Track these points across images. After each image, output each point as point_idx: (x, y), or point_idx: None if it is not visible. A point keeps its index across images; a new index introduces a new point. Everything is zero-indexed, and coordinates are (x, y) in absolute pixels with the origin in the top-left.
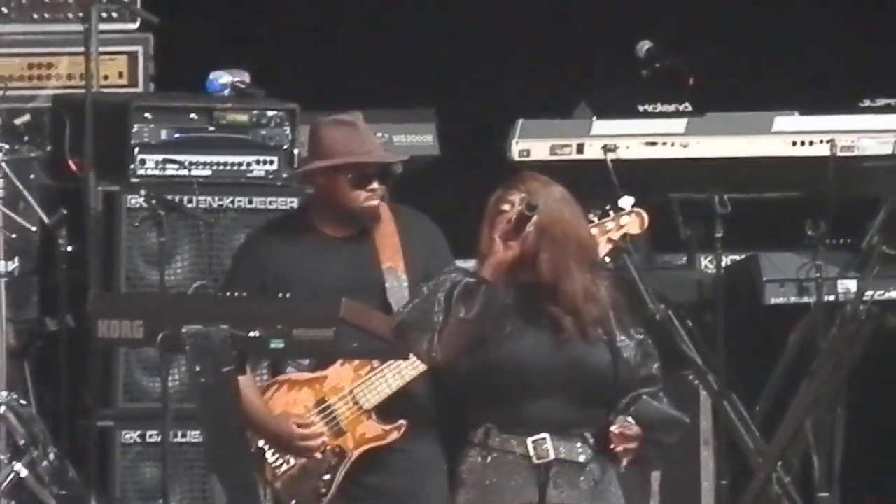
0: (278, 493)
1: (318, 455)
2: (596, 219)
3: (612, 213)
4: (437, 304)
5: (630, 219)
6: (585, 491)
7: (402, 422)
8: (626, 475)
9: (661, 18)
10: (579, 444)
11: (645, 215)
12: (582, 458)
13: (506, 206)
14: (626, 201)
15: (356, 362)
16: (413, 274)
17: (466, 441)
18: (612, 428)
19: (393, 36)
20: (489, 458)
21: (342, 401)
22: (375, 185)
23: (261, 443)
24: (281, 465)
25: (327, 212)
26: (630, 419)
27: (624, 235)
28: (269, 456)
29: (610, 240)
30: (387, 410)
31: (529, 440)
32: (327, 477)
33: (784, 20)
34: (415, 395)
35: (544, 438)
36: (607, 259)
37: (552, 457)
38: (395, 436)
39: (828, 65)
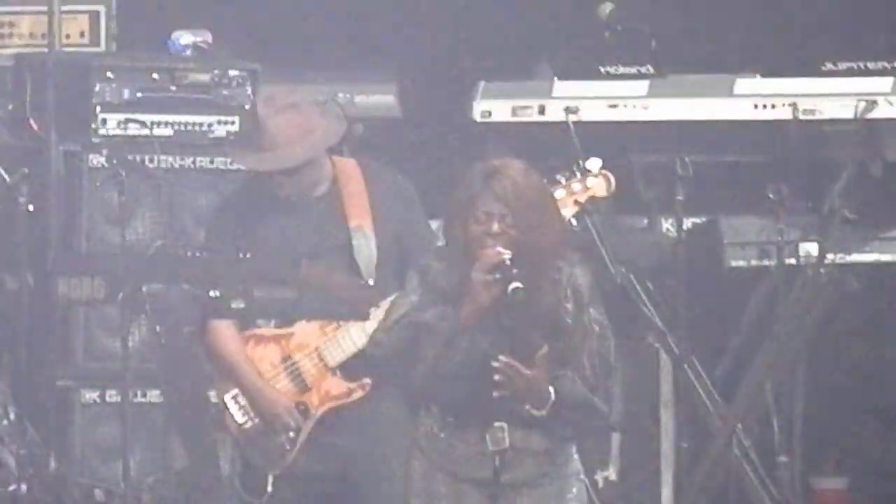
0: (242, 449)
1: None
2: (563, 180)
3: (578, 174)
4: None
5: (597, 181)
6: (540, 471)
7: (366, 380)
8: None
9: None
10: (537, 432)
11: (612, 178)
12: (539, 446)
13: (481, 213)
14: (594, 163)
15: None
16: (381, 231)
17: (424, 407)
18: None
19: None
20: (443, 433)
21: (308, 357)
22: (278, 178)
23: (226, 398)
24: (246, 421)
25: None
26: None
27: (590, 198)
28: (235, 411)
29: (577, 202)
30: (351, 368)
31: (487, 431)
32: (292, 434)
33: None
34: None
35: (501, 427)
36: (573, 221)
37: (507, 445)
38: (359, 393)
39: (790, 27)
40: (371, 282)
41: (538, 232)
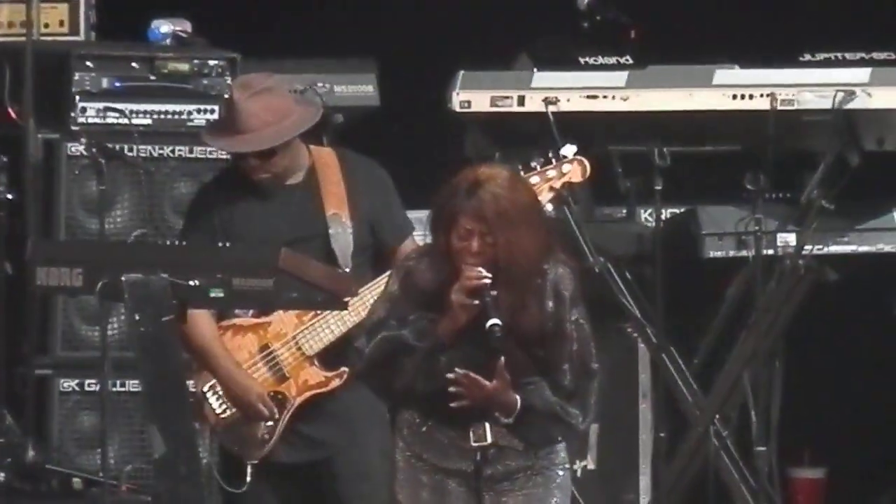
0: (221, 439)
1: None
2: (538, 167)
3: (554, 160)
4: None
5: (572, 167)
6: (524, 464)
7: (343, 369)
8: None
9: None
10: (516, 433)
11: (587, 163)
12: (521, 446)
13: (462, 229)
14: (569, 149)
15: None
16: (358, 220)
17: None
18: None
19: None
20: (425, 427)
21: (285, 347)
22: (252, 162)
23: (204, 388)
24: (224, 410)
25: None
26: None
27: (566, 184)
28: (213, 401)
29: (552, 188)
30: (329, 357)
31: (469, 427)
32: (270, 423)
33: None
34: (356, 341)
35: (484, 425)
36: (549, 207)
37: (489, 441)
38: (336, 383)
39: (768, 17)
40: (347, 270)
41: (521, 248)
